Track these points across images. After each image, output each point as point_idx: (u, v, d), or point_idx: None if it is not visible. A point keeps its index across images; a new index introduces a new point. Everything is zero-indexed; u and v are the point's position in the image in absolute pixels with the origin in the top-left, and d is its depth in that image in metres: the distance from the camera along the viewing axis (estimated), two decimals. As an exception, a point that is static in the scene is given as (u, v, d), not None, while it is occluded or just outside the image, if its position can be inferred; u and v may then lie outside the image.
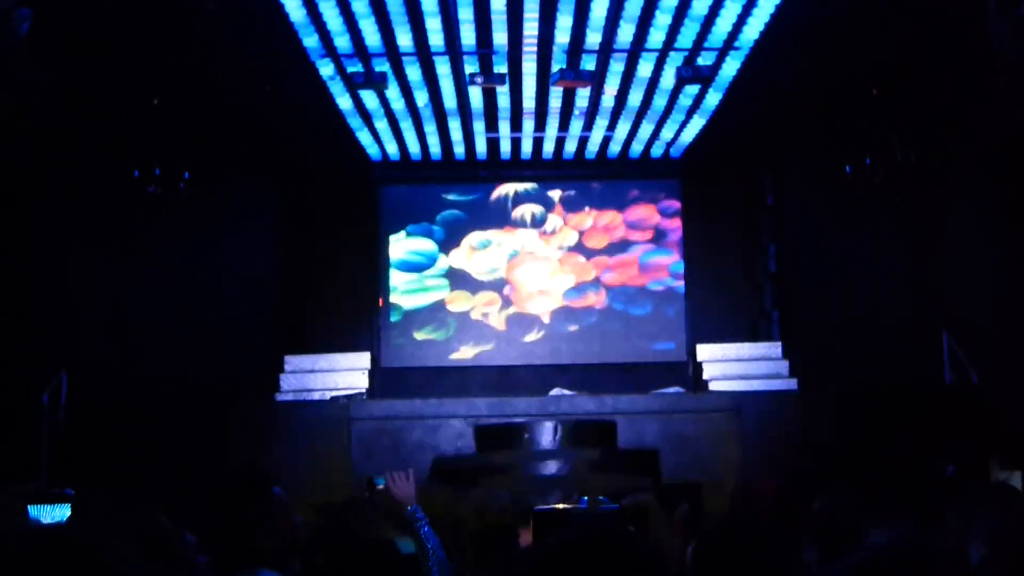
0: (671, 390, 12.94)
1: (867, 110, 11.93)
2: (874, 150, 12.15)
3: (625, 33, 10.66)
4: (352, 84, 11.37)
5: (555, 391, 13.04)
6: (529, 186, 15.29)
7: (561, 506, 9.46)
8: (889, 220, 13.81)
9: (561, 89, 11.76)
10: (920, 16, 9.81)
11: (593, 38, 10.72)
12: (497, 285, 15.05)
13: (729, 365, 13.59)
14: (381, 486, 4.87)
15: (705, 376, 13.49)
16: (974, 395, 11.56)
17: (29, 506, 6.81)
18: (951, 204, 13.20)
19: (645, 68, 11.61)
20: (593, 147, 14.46)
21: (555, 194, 15.28)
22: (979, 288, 12.42)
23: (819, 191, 14.06)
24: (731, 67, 11.49)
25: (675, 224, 15.17)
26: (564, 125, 13.45)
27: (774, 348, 14.01)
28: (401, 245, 15.12)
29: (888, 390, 11.91)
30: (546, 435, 11.65)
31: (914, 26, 10.05)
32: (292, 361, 13.63)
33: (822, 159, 13.39)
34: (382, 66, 11.09)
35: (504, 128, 13.54)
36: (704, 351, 13.94)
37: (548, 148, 14.51)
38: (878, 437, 10.69)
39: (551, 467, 10.85)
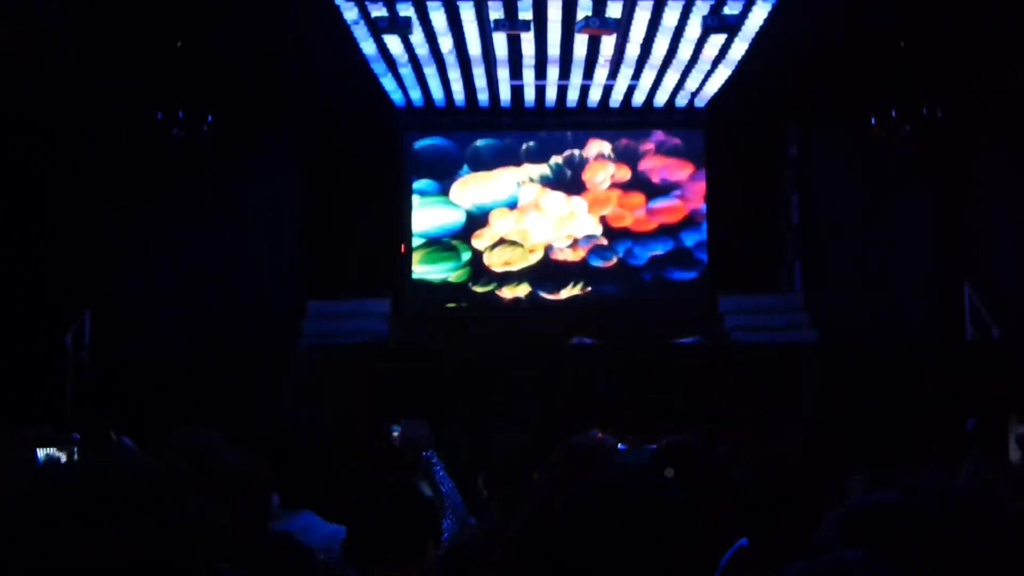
0: (691, 339, 12.95)
1: (894, 62, 11.79)
2: (900, 102, 12.02)
3: (652, -20, 10.58)
4: (376, 29, 11.33)
5: (575, 340, 13.08)
6: (554, 133, 15.25)
7: (600, 435, 9.52)
8: (912, 173, 13.69)
9: (586, 37, 11.69)
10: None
11: (619, -15, 10.64)
12: (519, 231, 15.06)
13: (749, 315, 13.60)
14: (396, 433, 4.90)
15: (726, 326, 13.51)
16: (995, 349, 11.53)
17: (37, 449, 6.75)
18: (975, 157, 13.08)
19: (671, 16, 11.51)
20: (617, 96, 14.38)
21: (579, 141, 15.24)
22: (1001, 242, 12.34)
23: (843, 142, 13.96)
24: (758, 16, 11.37)
25: (698, 174, 15.10)
26: (589, 73, 13.37)
27: (795, 299, 13.99)
28: (423, 192, 15.15)
29: (908, 343, 11.89)
30: (565, 384, 11.73)
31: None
32: (314, 307, 13.73)
33: (847, 111, 13.26)
34: (407, 11, 11.04)
35: (528, 75, 13.47)
36: (725, 301, 13.94)
37: (572, 96, 14.44)
38: (897, 390, 10.70)
39: (571, 413, 10.92)
